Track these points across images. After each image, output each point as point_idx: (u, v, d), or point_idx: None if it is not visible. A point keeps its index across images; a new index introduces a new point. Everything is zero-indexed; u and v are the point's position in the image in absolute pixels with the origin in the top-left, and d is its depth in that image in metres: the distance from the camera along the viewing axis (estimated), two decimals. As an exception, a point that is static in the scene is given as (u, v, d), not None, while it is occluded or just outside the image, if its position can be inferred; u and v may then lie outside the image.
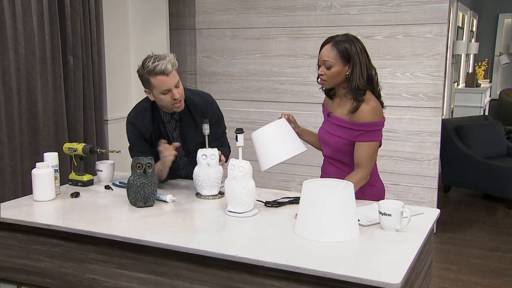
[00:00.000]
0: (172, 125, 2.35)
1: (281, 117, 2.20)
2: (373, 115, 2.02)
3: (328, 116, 2.17)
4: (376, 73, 2.06)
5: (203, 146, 2.22)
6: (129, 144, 2.38)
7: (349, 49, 1.99)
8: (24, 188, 3.11)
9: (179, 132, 2.36)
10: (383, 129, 2.09)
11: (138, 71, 2.21)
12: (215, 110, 2.40)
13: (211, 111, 2.37)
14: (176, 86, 2.18)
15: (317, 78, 2.11)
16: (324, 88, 2.17)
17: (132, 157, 2.37)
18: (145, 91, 2.24)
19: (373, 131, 2.03)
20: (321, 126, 2.23)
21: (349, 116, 2.05)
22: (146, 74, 2.15)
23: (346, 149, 2.09)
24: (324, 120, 2.23)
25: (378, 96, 2.08)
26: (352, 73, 2.01)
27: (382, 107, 2.09)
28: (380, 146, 2.13)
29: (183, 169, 2.49)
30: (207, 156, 2.15)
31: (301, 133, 2.28)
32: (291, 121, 2.22)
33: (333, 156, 2.15)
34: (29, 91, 3.21)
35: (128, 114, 2.37)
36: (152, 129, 2.32)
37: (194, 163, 2.23)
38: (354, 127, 2.04)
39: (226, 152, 2.40)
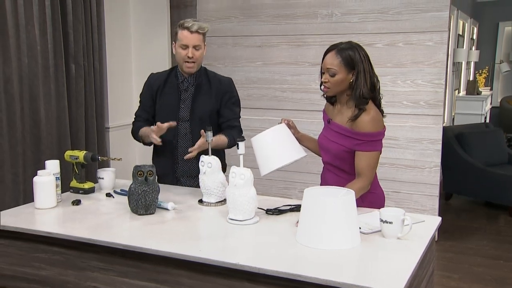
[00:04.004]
0: (188, 83, 2.48)
1: (281, 123, 2.21)
2: (373, 125, 2.02)
3: (328, 123, 2.18)
4: (378, 80, 2.07)
5: (212, 118, 2.40)
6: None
7: (353, 57, 2.00)
8: (26, 196, 3.11)
9: (191, 94, 2.46)
10: (384, 136, 2.09)
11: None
12: (235, 92, 2.57)
13: (230, 89, 2.54)
14: (195, 48, 2.37)
15: (320, 85, 2.11)
16: (326, 95, 2.17)
17: (136, 116, 2.58)
18: (172, 43, 2.46)
19: (373, 141, 2.03)
20: (321, 133, 2.23)
21: (349, 124, 2.05)
22: (177, 26, 2.40)
23: (345, 156, 2.09)
24: (324, 127, 2.23)
25: (378, 104, 2.09)
26: (356, 81, 2.01)
27: (383, 115, 2.09)
28: (381, 151, 2.13)
29: (182, 159, 2.48)
30: (212, 164, 2.15)
31: (301, 139, 2.28)
32: (291, 126, 2.23)
33: (332, 163, 2.16)
34: (32, 99, 3.22)
35: None
36: (163, 83, 2.49)
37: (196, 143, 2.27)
38: (354, 136, 2.04)
39: (234, 134, 2.46)
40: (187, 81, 2.47)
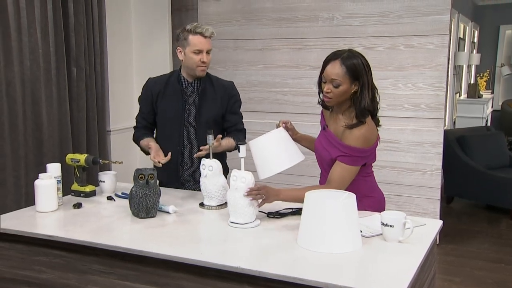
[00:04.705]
0: (192, 88, 2.46)
1: (279, 125, 2.20)
2: (361, 142, 1.97)
3: (324, 130, 2.15)
4: (376, 88, 2.03)
5: (217, 123, 2.41)
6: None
7: (357, 66, 1.94)
8: (28, 199, 3.11)
9: (196, 99, 2.45)
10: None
11: (177, 33, 2.42)
12: (238, 95, 2.58)
13: (234, 92, 2.55)
14: (207, 53, 2.38)
15: (319, 94, 2.07)
16: (321, 102, 2.13)
17: (136, 122, 2.58)
18: (177, 49, 2.41)
19: (354, 157, 1.99)
20: (318, 136, 2.21)
21: (341, 131, 2.02)
22: (186, 32, 2.36)
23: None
24: (320, 131, 2.20)
25: (375, 114, 2.04)
26: (361, 93, 1.96)
27: (379, 125, 2.06)
28: (374, 161, 2.11)
29: (187, 165, 2.50)
30: (213, 168, 2.15)
31: (299, 139, 2.28)
32: (289, 128, 2.22)
33: (327, 168, 2.13)
34: (34, 102, 3.23)
35: None
36: (163, 88, 2.46)
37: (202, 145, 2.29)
38: (339, 146, 2.01)
39: (240, 136, 2.50)
40: (191, 86, 2.46)
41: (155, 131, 2.60)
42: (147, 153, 2.48)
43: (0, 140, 3.01)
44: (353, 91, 1.98)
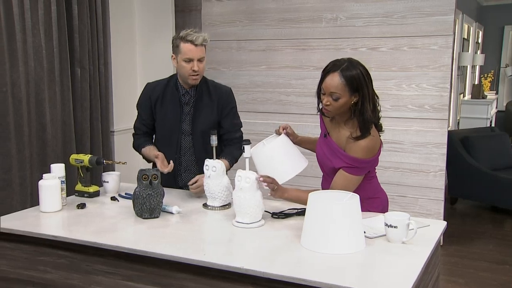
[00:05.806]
0: (189, 96, 2.43)
1: (279, 131, 2.19)
2: (365, 153, 1.96)
3: (325, 137, 2.12)
4: (377, 97, 2.01)
5: (215, 128, 2.33)
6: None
7: (357, 79, 1.90)
8: (33, 199, 3.12)
9: (193, 107, 2.42)
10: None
11: (172, 38, 2.38)
12: (235, 102, 2.53)
13: (230, 99, 2.50)
14: (199, 61, 2.31)
15: (318, 104, 2.05)
16: (320, 110, 2.10)
17: (135, 129, 2.55)
18: (172, 56, 2.37)
19: (358, 168, 1.98)
20: (319, 141, 2.18)
21: (344, 141, 2.01)
22: (178, 39, 2.31)
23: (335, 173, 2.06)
24: (320, 136, 2.18)
25: (377, 122, 2.02)
26: (362, 105, 1.93)
27: (381, 130, 2.05)
28: (376, 165, 2.10)
29: (185, 171, 2.50)
30: (216, 168, 2.16)
31: (300, 143, 2.28)
32: (289, 133, 2.21)
33: (329, 172, 2.12)
34: (38, 103, 3.24)
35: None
36: (162, 94, 2.43)
37: (199, 159, 2.31)
38: (342, 157, 2.00)
39: (233, 151, 2.47)
40: (188, 94, 2.43)
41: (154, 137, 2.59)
42: (149, 161, 2.49)
43: (6, 141, 3.02)
44: (353, 102, 1.95)
